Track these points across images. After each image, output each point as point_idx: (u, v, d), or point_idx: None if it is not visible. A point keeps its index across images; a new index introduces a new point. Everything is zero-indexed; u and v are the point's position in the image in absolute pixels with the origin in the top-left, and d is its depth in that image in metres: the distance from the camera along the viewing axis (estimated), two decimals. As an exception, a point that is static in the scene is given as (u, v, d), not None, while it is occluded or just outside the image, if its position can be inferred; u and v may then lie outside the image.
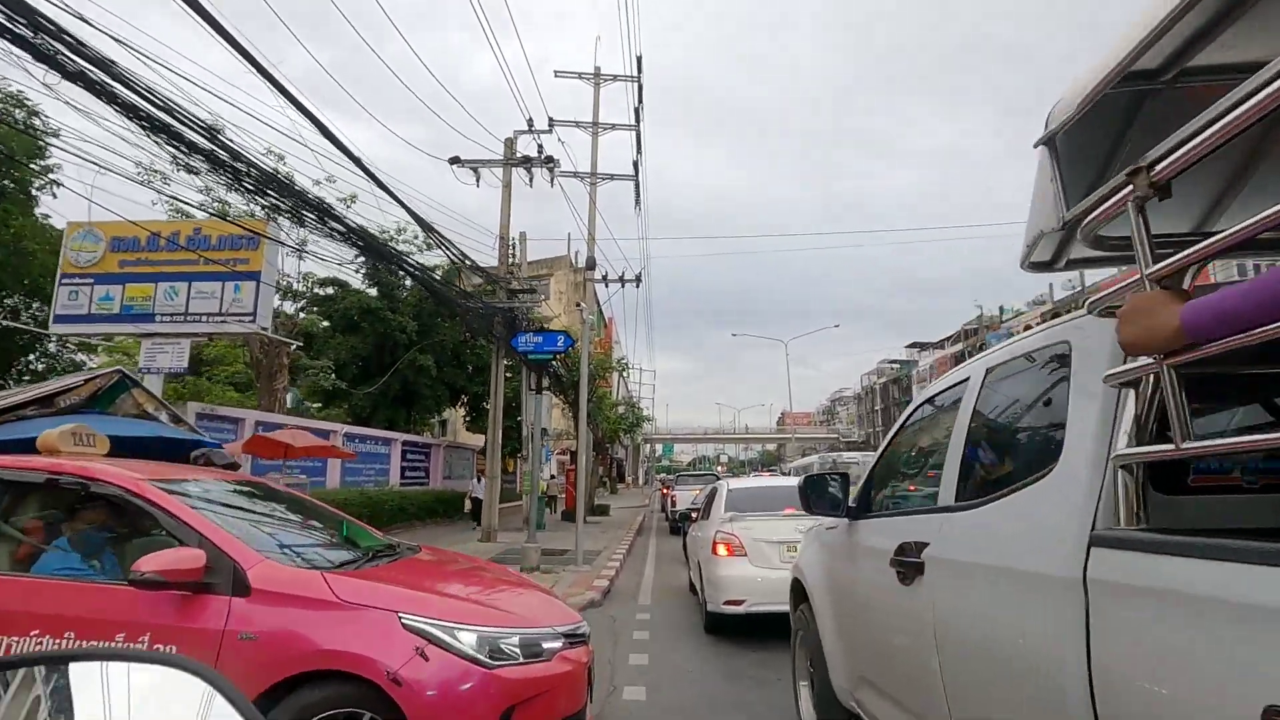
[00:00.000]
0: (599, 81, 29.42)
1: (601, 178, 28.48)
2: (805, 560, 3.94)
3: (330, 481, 15.69)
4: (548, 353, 11.35)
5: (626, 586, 10.48)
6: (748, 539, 6.57)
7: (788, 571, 6.45)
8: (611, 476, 59.99)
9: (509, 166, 17.89)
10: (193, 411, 11.01)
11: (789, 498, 7.32)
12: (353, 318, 20.37)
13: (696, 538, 7.98)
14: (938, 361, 72.18)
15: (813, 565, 3.73)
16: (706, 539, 7.02)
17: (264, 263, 10.93)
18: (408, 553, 4.43)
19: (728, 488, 7.70)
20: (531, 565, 10.92)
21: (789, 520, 6.65)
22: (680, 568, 12.18)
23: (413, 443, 20.40)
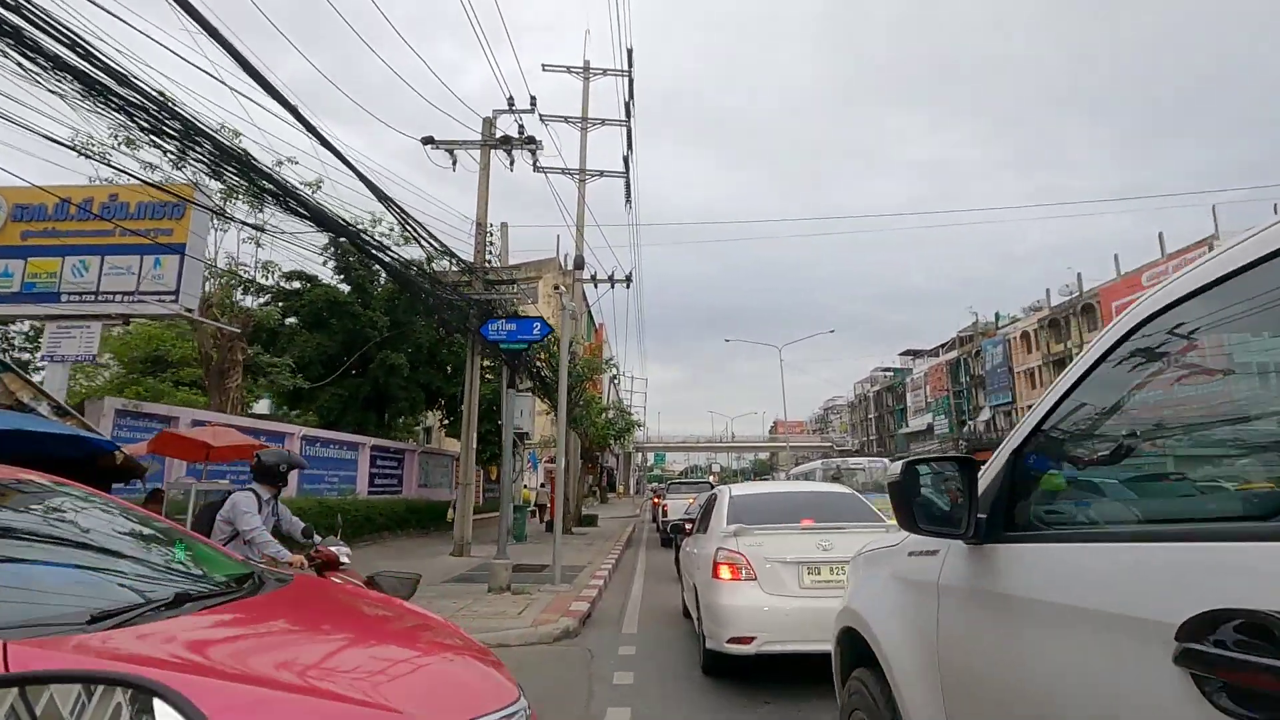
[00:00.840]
0: (588, 76, 28.33)
1: (591, 174, 27.36)
2: (869, 602, 2.54)
3: (286, 490, 14.18)
4: (521, 341, 9.98)
5: (610, 610, 9.06)
6: (757, 559, 5.18)
7: (810, 600, 5.09)
8: (601, 486, 58.52)
9: (487, 148, 16.58)
10: (110, 408, 9.57)
11: (806, 506, 5.96)
12: (319, 312, 18.90)
13: (692, 555, 6.58)
14: (932, 369, 71.21)
15: (889, 614, 2.32)
16: (705, 558, 5.64)
17: (190, 233, 9.50)
18: (271, 587, 3.02)
19: (730, 494, 6.32)
20: (500, 585, 9.49)
21: (809, 535, 5.28)
22: (672, 585, 10.77)
23: (383, 448, 18.91)
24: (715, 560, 5.31)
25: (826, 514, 5.78)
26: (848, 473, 18.21)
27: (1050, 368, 49.80)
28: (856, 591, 2.77)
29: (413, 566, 12.99)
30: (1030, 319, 53.80)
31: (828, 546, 5.15)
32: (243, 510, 4.87)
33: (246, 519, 4.83)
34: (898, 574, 2.36)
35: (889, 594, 2.38)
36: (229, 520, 4.92)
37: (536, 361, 20.46)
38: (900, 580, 2.33)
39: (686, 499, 19.49)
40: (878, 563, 2.66)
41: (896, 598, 2.32)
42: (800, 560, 5.13)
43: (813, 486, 6.70)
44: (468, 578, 11.00)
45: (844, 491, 6.37)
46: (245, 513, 4.86)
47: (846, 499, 6.17)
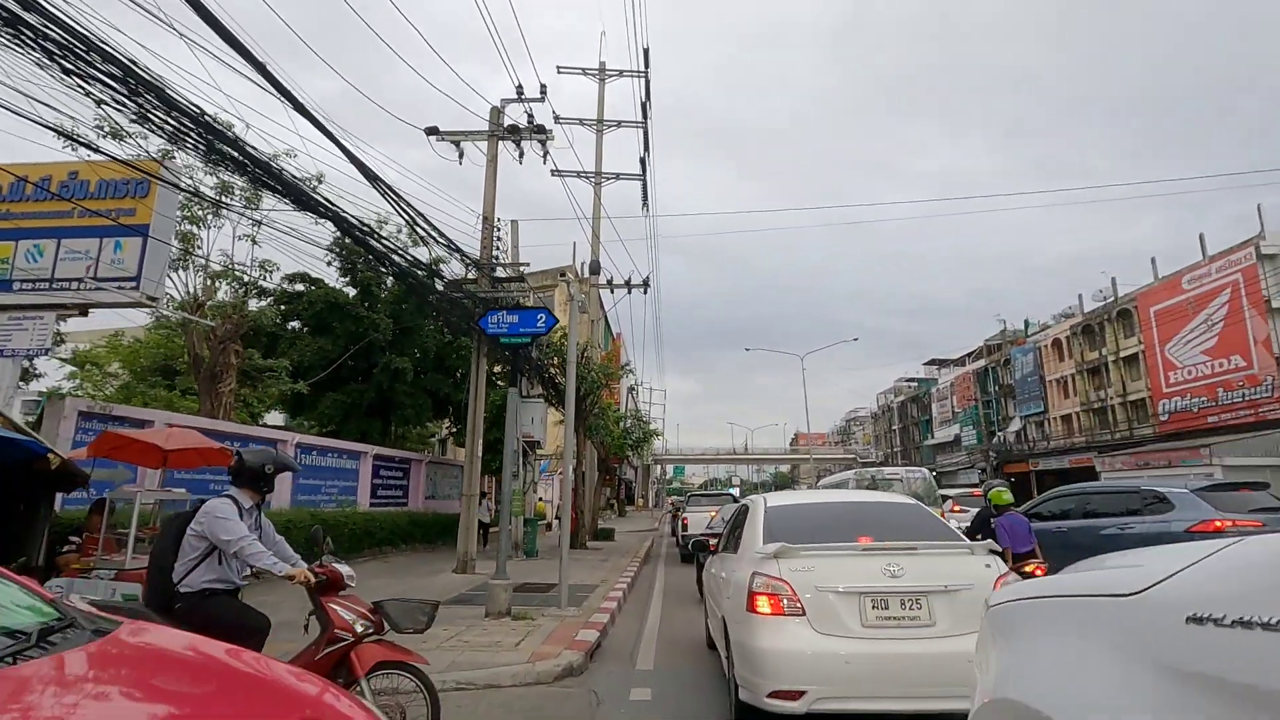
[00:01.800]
0: (604, 78, 27.50)
1: (607, 177, 26.51)
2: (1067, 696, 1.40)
3: (277, 500, 13.23)
4: (525, 334, 8.92)
5: (622, 640, 7.91)
6: (806, 588, 4.04)
7: (876, 643, 3.88)
8: (619, 498, 57.26)
9: (494, 138, 15.66)
10: (73, 409, 8.66)
11: (861, 520, 4.80)
12: (320, 314, 18.03)
13: (720, 579, 5.43)
14: (959, 379, 69.28)
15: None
16: (738, 585, 4.50)
17: (154, 213, 8.58)
18: (84, 640, 1.96)
19: (765, 505, 5.17)
20: (499, 609, 8.38)
21: (871, 557, 4.13)
22: (694, 609, 9.61)
23: (387, 457, 17.90)
24: (751, 589, 4.17)
25: (888, 530, 4.63)
26: (883, 483, 16.94)
27: (1085, 376, 47.95)
28: (1019, 669, 1.61)
29: (411, 584, 11.99)
30: (1062, 325, 51.94)
31: (897, 572, 4.00)
32: (219, 518, 3.92)
33: (226, 527, 3.90)
34: (1162, 660, 1.21)
35: (1124, 688, 1.24)
36: (202, 535, 3.93)
37: (550, 369, 19.47)
38: (1159, 668, 1.18)
39: (708, 512, 18.50)
40: (1069, 622, 1.51)
41: (1143, 697, 1.18)
42: (863, 590, 3.99)
43: (865, 496, 5.54)
44: (466, 598, 9.91)
45: (905, 502, 5.21)
46: (223, 520, 3.92)
47: (911, 512, 5.00)
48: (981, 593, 3.96)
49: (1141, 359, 42.22)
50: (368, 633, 4.04)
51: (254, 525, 4.24)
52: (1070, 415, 49.75)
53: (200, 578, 3.93)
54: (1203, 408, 36.76)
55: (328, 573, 4.11)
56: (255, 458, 4.32)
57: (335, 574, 4.15)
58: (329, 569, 4.14)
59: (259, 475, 4.28)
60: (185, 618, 3.79)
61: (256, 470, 4.26)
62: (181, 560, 3.94)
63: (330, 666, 3.85)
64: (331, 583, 4.11)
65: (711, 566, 6.45)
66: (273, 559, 3.97)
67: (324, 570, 4.11)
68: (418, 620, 4.24)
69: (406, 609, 4.23)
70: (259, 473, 4.27)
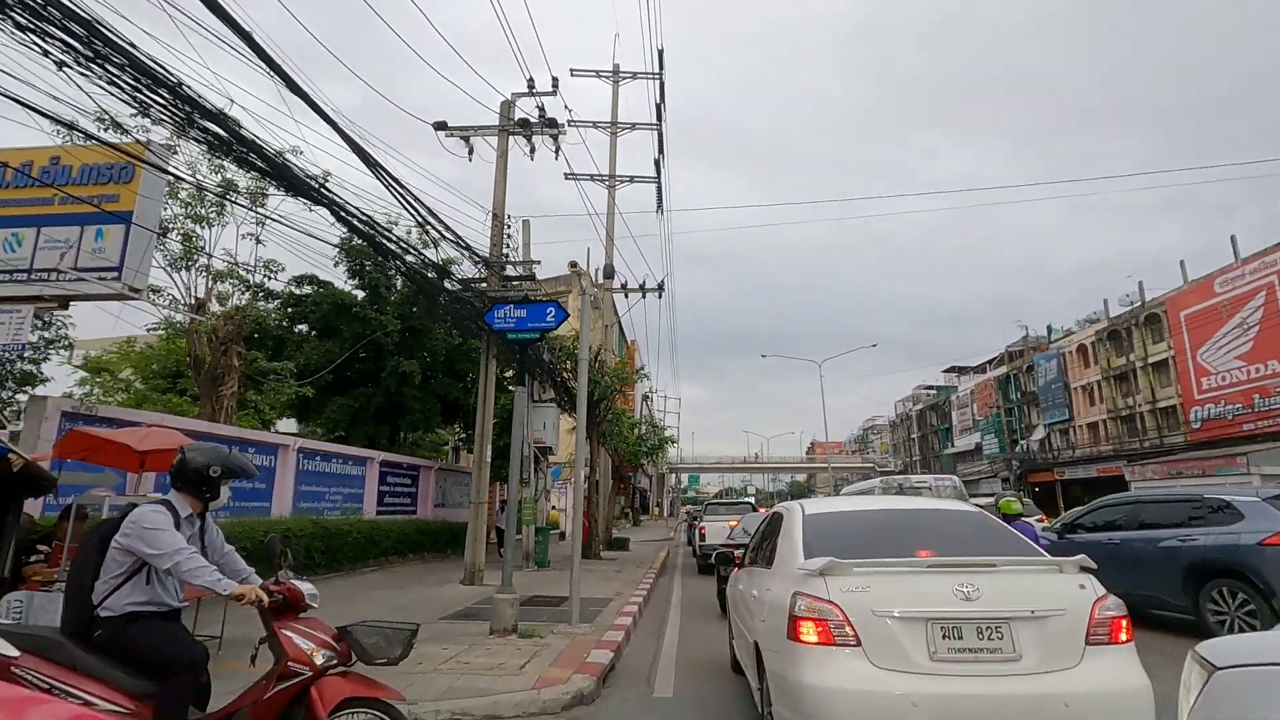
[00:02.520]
0: (618, 80, 27.10)
1: (621, 180, 26.06)
2: None
3: (278, 507, 12.70)
4: (534, 330, 8.31)
5: (638, 660, 7.23)
6: (860, 612, 3.36)
7: (949, 681, 3.16)
8: (634, 507, 56.49)
9: (505, 133, 15.14)
10: (55, 410, 8.15)
11: (917, 531, 4.13)
12: (326, 316, 17.55)
13: (750, 599, 4.75)
14: (979, 386, 67.97)
15: None
16: (776, 607, 3.83)
17: (138, 200, 8.07)
18: None
19: (803, 513, 4.48)
20: (505, 625, 7.73)
21: (939, 575, 3.45)
22: (715, 623, 8.92)
23: (394, 464, 17.34)
24: (793, 612, 3.50)
25: (951, 543, 3.94)
26: (910, 491, 16.20)
27: (1111, 382, 46.68)
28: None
29: (417, 595, 11.39)
30: (1087, 331, 50.67)
31: (971, 594, 3.32)
32: (148, 528, 3.23)
33: (157, 539, 3.22)
34: None
35: None
36: (128, 549, 3.24)
37: (563, 372, 18.88)
38: None
39: (726, 521, 17.83)
40: None
41: None
42: (930, 616, 3.30)
43: (917, 503, 4.83)
44: (471, 613, 9.28)
45: (967, 509, 4.50)
46: (153, 530, 3.23)
47: (975, 521, 4.29)
48: (1076, 620, 3.27)
49: (1172, 364, 40.97)
50: (330, 664, 3.37)
51: (195, 537, 3.55)
52: (1097, 423, 48.45)
53: (124, 599, 3.26)
54: (1238, 414, 35.49)
55: (285, 591, 3.44)
56: (200, 457, 3.62)
57: (294, 593, 3.47)
58: (286, 586, 3.47)
59: (202, 479, 3.57)
60: (105, 647, 3.16)
61: (199, 472, 3.56)
62: (103, 578, 3.25)
63: (283, 706, 3.22)
64: (289, 603, 3.45)
65: (738, 582, 5.76)
66: (215, 574, 3.27)
67: (280, 588, 3.45)
68: (391, 649, 3.55)
69: (378, 635, 3.54)
70: (202, 476, 3.57)
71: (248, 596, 3.26)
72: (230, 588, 3.26)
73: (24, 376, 19.91)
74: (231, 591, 3.25)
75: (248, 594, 3.27)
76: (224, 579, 3.29)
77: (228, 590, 3.24)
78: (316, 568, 12.48)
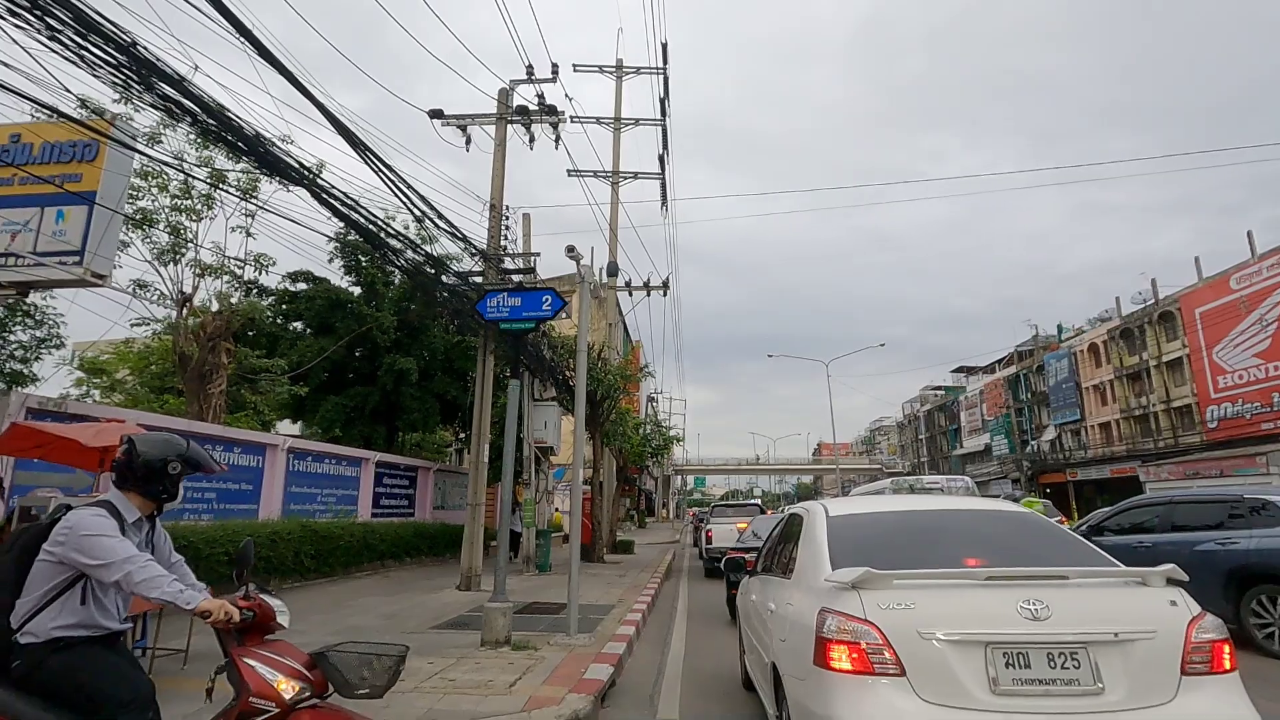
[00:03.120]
0: (621, 74, 26.65)
1: (625, 176, 25.60)
2: None
3: (266, 510, 12.16)
4: (529, 319, 7.77)
5: (641, 675, 6.66)
6: (903, 634, 2.78)
7: (1019, 719, 2.68)
8: (639, 509, 55.87)
9: (503, 122, 14.63)
10: (19, 406, 7.62)
11: (961, 536, 3.55)
12: (321, 312, 17.03)
13: (767, 612, 4.16)
14: (988, 386, 67.13)
15: None
16: (799, 625, 3.26)
17: (102, 179, 7.53)
18: None
19: (827, 515, 3.90)
20: (497, 637, 7.16)
21: (999, 591, 2.86)
22: (724, 632, 8.34)
23: (391, 464, 16.79)
24: (822, 634, 2.92)
25: (1005, 551, 3.36)
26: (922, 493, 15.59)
27: (1124, 382, 45.85)
28: None
29: (408, 602, 10.83)
30: (1099, 330, 49.86)
31: (1040, 612, 2.73)
32: (88, 534, 2.62)
33: (101, 546, 2.62)
34: None
35: None
36: (61, 560, 2.63)
37: (565, 371, 18.32)
38: None
39: (733, 523, 17.51)
40: None
41: None
42: (991, 639, 2.72)
43: (956, 503, 4.22)
44: (463, 622, 8.71)
45: (1016, 510, 3.90)
46: (94, 537, 2.63)
47: (1028, 524, 3.70)
48: (1169, 644, 2.69)
49: (1186, 363, 40.17)
50: (302, 698, 2.77)
51: (142, 544, 2.95)
52: (1109, 423, 47.62)
53: (50, 623, 2.65)
54: (1256, 413, 34.67)
55: (255, 607, 2.83)
56: (152, 449, 2.94)
57: (265, 610, 2.87)
58: (257, 601, 2.86)
59: (155, 474, 2.92)
60: (25, 682, 2.57)
61: (153, 467, 2.91)
62: (26, 596, 2.65)
63: None
64: (258, 622, 2.85)
65: (750, 591, 5.18)
66: (176, 585, 2.66)
67: (251, 604, 2.83)
68: (376, 677, 2.87)
69: (360, 662, 2.87)
70: (156, 471, 2.91)
71: (215, 613, 2.66)
72: (195, 600, 2.64)
73: (14, 376, 19.45)
74: (196, 606, 2.66)
75: (215, 609, 2.67)
76: (187, 589, 2.67)
77: (191, 604, 2.65)
78: (307, 572, 11.95)
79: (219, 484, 11.24)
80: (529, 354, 16.16)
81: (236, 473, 11.74)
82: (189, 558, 9.41)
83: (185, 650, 6.28)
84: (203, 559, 9.27)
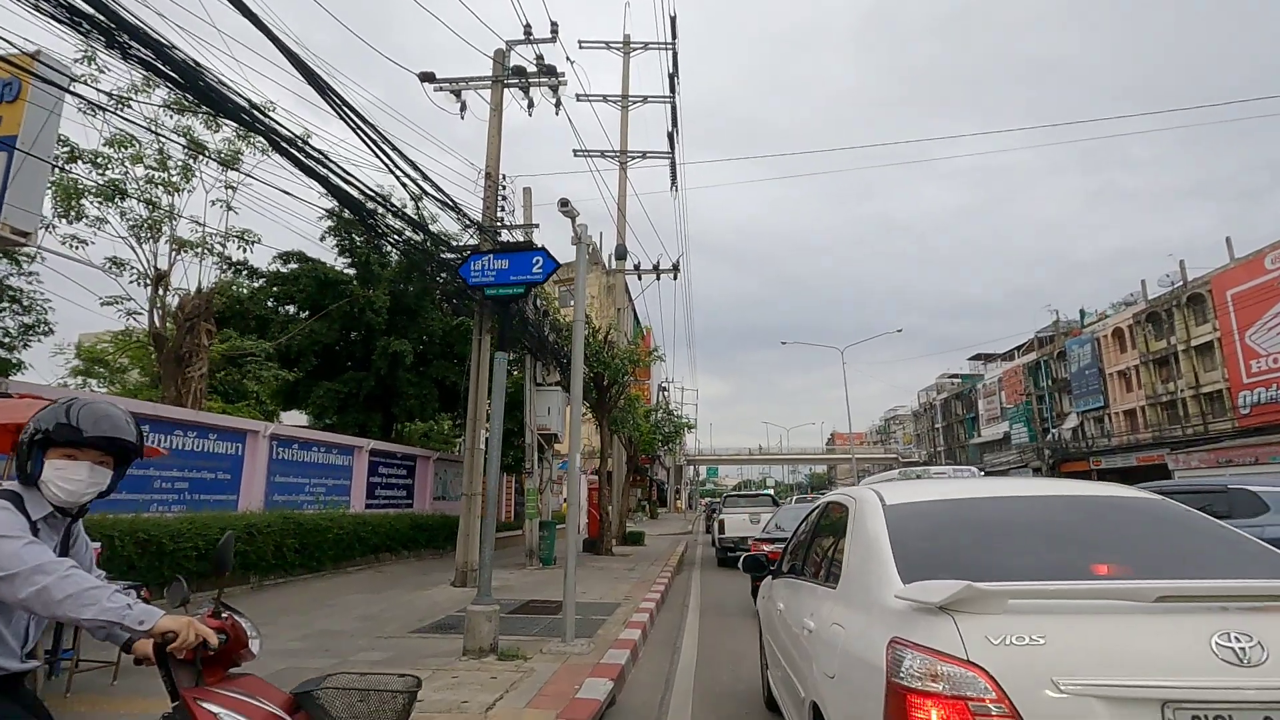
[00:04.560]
0: (629, 51, 25.66)
1: (633, 155, 24.63)
2: None
3: (246, 501, 11.32)
4: (517, 283, 6.83)
5: (646, 689, 5.73)
6: (1031, 685, 1.81)
7: None
8: (651, 500, 54.99)
9: (499, 85, 13.65)
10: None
11: (1078, 532, 2.53)
12: (312, 294, 16.16)
13: (803, 633, 3.16)
14: (1007, 374, 65.60)
15: None
16: (858, 660, 2.29)
17: (24, 121, 6.64)
18: None
19: (883, 504, 2.92)
20: (481, 645, 6.23)
21: (1178, 617, 1.87)
22: (741, 632, 7.38)
23: (387, 453, 15.92)
24: (899, 681, 1.95)
25: (1151, 556, 2.39)
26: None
27: (1151, 367, 44.35)
28: None
29: (394, 600, 9.91)
30: (1124, 314, 48.29)
31: (1248, 651, 1.75)
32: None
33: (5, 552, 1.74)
34: None
35: None
36: None
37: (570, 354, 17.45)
38: None
39: (745, 513, 17.45)
40: None
41: None
42: (1171, 696, 1.75)
43: (1052, 486, 3.17)
44: (449, 624, 7.80)
45: (1144, 497, 2.90)
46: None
47: (1172, 517, 2.69)
48: None
49: (1217, 347, 38.68)
50: None
51: (57, 548, 2.04)
52: (1134, 410, 46.16)
53: None
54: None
55: (228, 629, 1.97)
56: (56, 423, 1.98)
57: (237, 634, 2.00)
58: (230, 622, 2.00)
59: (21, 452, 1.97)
60: None
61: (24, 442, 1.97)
62: None
63: None
64: (226, 652, 1.96)
65: (776, 598, 4.21)
66: (121, 598, 1.78)
67: (224, 624, 1.98)
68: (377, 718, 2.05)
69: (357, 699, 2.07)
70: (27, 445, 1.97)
71: (182, 635, 1.76)
72: (152, 618, 1.76)
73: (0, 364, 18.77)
74: (154, 625, 1.75)
75: (182, 630, 1.76)
76: (138, 604, 1.77)
77: (147, 623, 1.74)
78: (291, 567, 11.11)
79: (192, 473, 10.40)
80: (531, 336, 15.29)
81: (213, 461, 10.90)
82: (150, 555, 8.38)
83: (116, 664, 5.41)
84: (166, 555, 8.44)
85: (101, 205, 11.91)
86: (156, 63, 5.42)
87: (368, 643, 6.88)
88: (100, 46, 4.89)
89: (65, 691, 5.04)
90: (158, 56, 5.39)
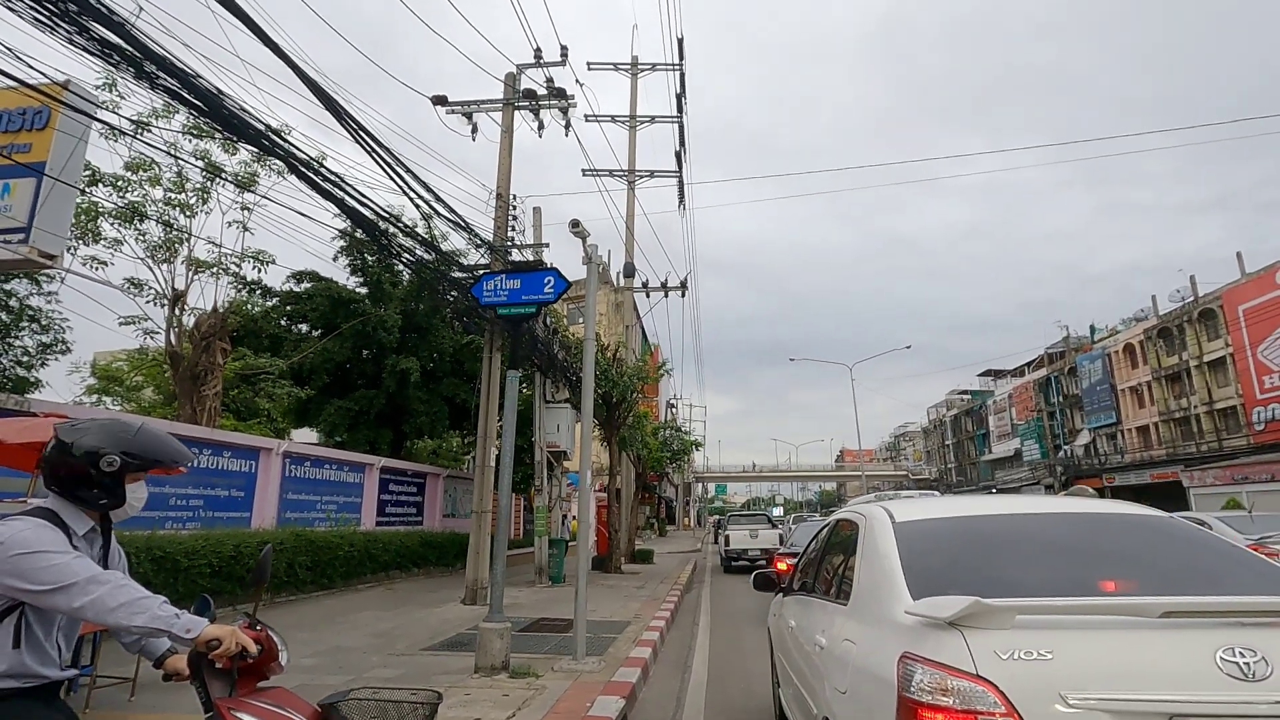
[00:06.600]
0: (636, 72, 25.89)
1: (641, 174, 24.78)
2: None
3: (260, 518, 11.41)
4: (529, 303, 6.93)
5: (657, 707, 5.74)
6: (1040, 702, 1.85)
7: None
8: (660, 518, 54.77)
9: (510, 108, 13.87)
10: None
11: (1081, 548, 2.59)
12: (325, 312, 16.35)
13: (814, 649, 3.20)
14: (1018, 390, 65.25)
15: None
16: (868, 674, 2.34)
17: (53, 148, 6.81)
18: None
19: (892, 521, 2.97)
20: (492, 662, 6.26)
21: (1184, 633, 1.92)
22: (753, 648, 7.38)
23: (397, 470, 16.01)
24: (909, 695, 2.00)
25: (1157, 572, 2.43)
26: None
27: (1163, 383, 44.05)
28: None
29: (406, 618, 9.97)
30: (1135, 330, 48.07)
31: (1252, 665, 1.80)
32: (26, 552, 1.80)
33: (47, 566, 1.82)
34: None
35: None
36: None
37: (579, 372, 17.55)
38: None
39: (745, 530, 20.53)
40: None
41: None
42: (1178, 710, 1.79)
43: (1069, 505, 3.19)
44: (459, 642, 7.83)
45: (1150, 514, 2.94)
46: (35, 555, 1.81)
47: (1179, 534, 2.73)
48: None
49: (1230, 362, 38.42)
50: None
51: (99, 562, 2.06)
52: (1147, 426, 45.80)
53: None
54: (1308, 415, 32.94)
55: (264, 640, 2.04)
56: (86, 439, 2.01)
57: (269, 646, 2.06)
58: (265, 633, 2.07)
59: (86, 474, 1.99)
60: None
61: (80, 463, 1.99)
62: None
63: None
64: (258, 664, 2.05)
65: (788, 615, 4.25)
66: (168, 607, 1.87)
67: (260, 635, 2.04)
68: None
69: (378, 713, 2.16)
70: (83, 471, 1.99)
71: (226, 643, 1.87)
72: (198, 627, 1.86)
73: (19, 382, 19.02)
74: (200, 635, 1.85)
75: (226, 638, 1.87)
76: (184, 614, 1.89)
77: (193, 631, 1.85)
78: (303, 585, 11.17)
79: (206, 490, 10.51)
80: (541, 353, 15.41)
81: (227, 478, 11.01)
82: (166, 572, 8.47)
83: (134, 679, 5.47)
84: (181, 572, 8.53)
85: (119, 227, 12.16)
86: (181, 91, 5.59)
87: (380, 660, 6.92)
88: (130, 77, 5.06)
89: (84, 707, 5.10)
90: (183, 85, 5.56)
